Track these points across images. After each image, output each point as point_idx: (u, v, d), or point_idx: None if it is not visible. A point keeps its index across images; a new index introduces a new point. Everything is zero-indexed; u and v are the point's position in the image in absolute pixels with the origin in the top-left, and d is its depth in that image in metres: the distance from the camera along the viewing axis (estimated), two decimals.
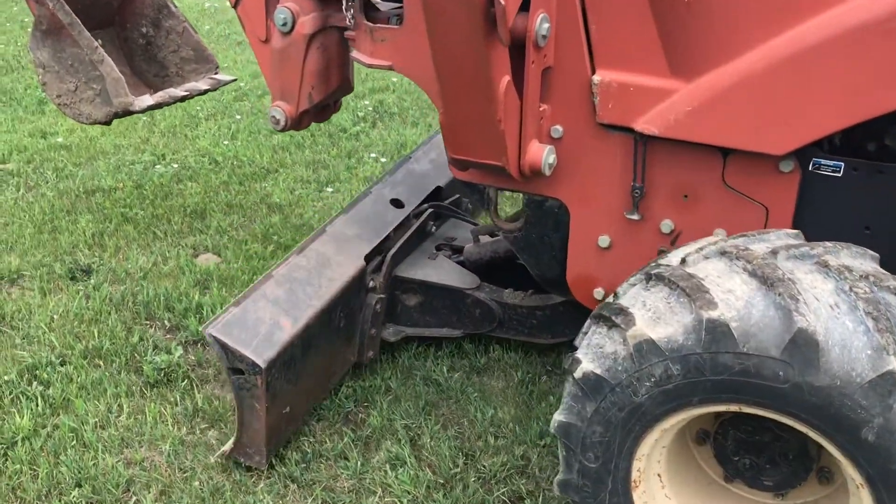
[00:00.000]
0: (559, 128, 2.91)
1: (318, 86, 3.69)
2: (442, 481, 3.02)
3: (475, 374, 3.62)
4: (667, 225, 2.87)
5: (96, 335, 3.81)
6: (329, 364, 3.31)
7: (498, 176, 2.99)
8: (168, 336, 3.90)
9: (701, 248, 2.34)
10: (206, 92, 4.56)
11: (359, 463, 3.08)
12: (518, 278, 3.61)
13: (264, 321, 2.95)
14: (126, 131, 6.54)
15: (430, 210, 3.86)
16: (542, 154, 2.83)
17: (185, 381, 3.55)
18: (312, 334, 3.08)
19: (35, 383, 3.49)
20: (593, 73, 2.80)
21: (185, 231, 4.91)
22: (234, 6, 3.66)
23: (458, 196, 4.14)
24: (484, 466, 3.08)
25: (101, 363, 3.65)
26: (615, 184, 2.91)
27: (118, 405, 3.39)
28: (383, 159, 6.15)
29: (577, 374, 2.31)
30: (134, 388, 3.49)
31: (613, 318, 2.30)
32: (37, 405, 3.36)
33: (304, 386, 3.14)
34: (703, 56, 2.64)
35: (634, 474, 2.36)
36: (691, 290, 2.17)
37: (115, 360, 3.66)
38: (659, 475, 2.40)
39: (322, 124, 6.84)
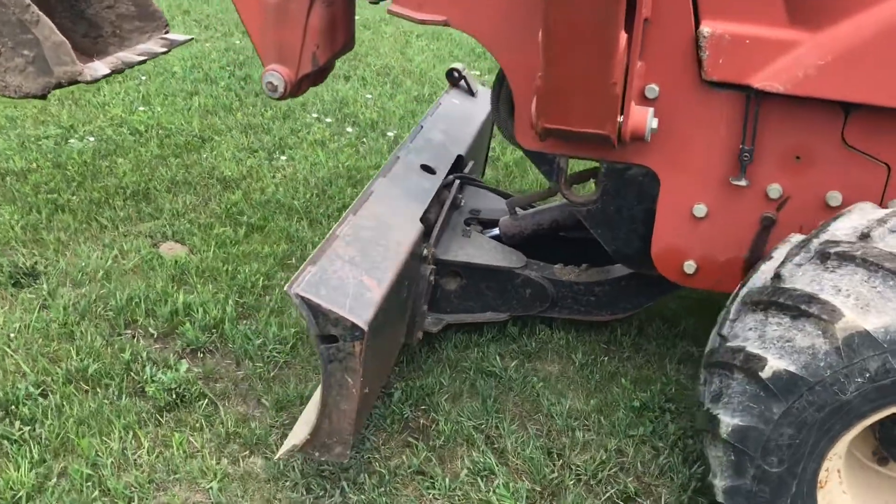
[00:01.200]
0: (655, 87, 2.60)
1: (323, 45, 3.19)
2: (540, 489, 2.71)
3: (527, 360, 3.30)
4: (775, 190, 2.64)
5: (74, 354, 3.20)
6: (392, 342, 2.90)
7: (585, 145, 2.65)
8: (161, 347, 3.33)
9: (883, 221, 2.10)
10: (159, 55, 3.89)
11: (445, 479, 2.71)
12: (563, 252, 3.33)
13: (348, 281, 2.41)
14: (13, 100, 5.62)
15: (457, 181, 3.46)
16: (647, 118, 2.51)
17: (203, 400, 3.03)
18: (390, 300, 2.59)
19: (17, 423, 2.87)
20: (698, 25, 2.49)
21: (134, 217, 4.25)
22: None
23: (472, 163, 3.77)
24: (579, 466, 2.79)
25: (93, 389, 3.06)
26: (717, 147, 2.64)
27: (133, 439, 2.84)
28: (328, 119, 5.61)
29: (765, 373, 2.05)
30: (145, 415, 2.94)
31: (803, 307, 2.03)
32: (29, 450, 2.75)
33: (378, 365, 2.67)
34: (831, 4, 2.38)
35: (822, 475, 2.14)
36: None
37: (109, 383, 3.07)
38: (839, 471, 2.20)
39: (245, 82, 6.21)
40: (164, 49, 3.87)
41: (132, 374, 3.13)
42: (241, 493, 2.67)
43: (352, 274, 2.48)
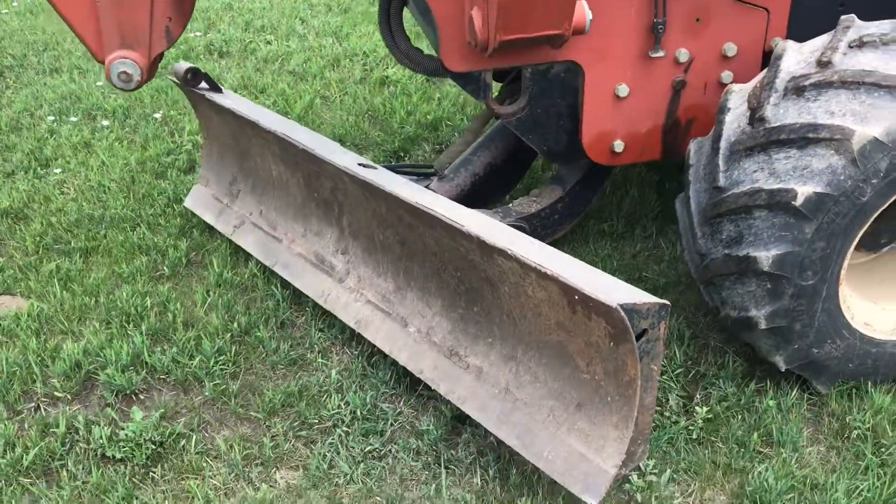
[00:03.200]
0: None
1: (175, 15, 2.84)
2: None
3: None
4: (684, 54, 2.89)
5: None
6: None
7: (525, 52, 2.68)
8: (83, 406, 2.82)
9: (833, 48, 2.43)
10: None
11: None
12: (500, 189, 3.40)
13: (589, 272, 2.18)
14: None
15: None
16: (584, 12, 2.60)
17: (186, 438, 2.65)
18: None
19: None
20: None
21: None
22: None
23: None
24: None
25: (45, 477, 2.53)
26: (633, 27, 2.82)
27: None
28: (72, 118, 4.90)
29: (798, 200, 2.31)
30: (138, 479, 2.51)
31: (810, 135, 2.32)
32: None
33: None
34: None
35: (843, 272, 2.49)
36: (883, 81, 2.28)
37: (61, 464, 2.56)
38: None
39: None
40: None
41: (79, 444, 2.63)
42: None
43: (577, 268, 2.21)
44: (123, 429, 2.64)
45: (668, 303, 2.05)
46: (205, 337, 3.03)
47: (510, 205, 3.31)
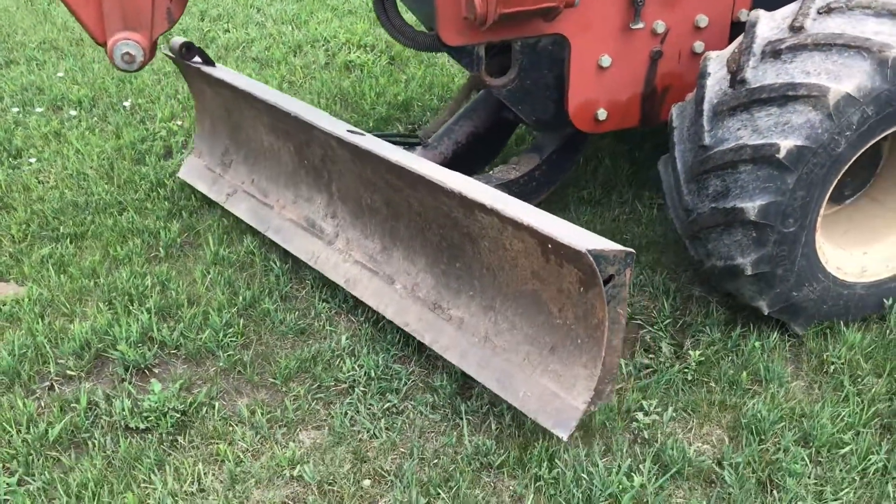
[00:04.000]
0: None
1: None
2: None
3: None
4: (661, 25, 3.09)
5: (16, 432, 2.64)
6: None
7: (518, 25, 2.85)
8: (96, 383, 2.87)
9: (805, 14, 2.65)
10: None
11: None
12: (482, 157, 3.54)
13: (559, 223, 2.35)
14: None
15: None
16: None
17: (208, 407, 2.73)
18: None
19: None
20: None
21: None
22: None
23: None
24: None
25: (75, 449, 2.59)
26: (614, 1, 3.00)
27: (191, 475, 2.51)
28: (38, 108, 4.86)
29: (781, 153, 2.53)
30: (167, 447, 2.59)
31: (790, 93, 2.53)
32: None
33: None
34: None
35: (819, 219, 2.72)
36: (852, 42, 2.51)
37: (86, 436, 2.62)
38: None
39: None
40: None
41: (102, 417, 2.69)
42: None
43: (549, 219, 2.39)
44: (145, 401, 2.71)
45: (632, 251, 2.21)
46: (212, 311, 3.10)
47: (490, 172, 3.47)
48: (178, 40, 3.54)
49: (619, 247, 2.21)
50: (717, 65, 2.81)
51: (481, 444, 2.55)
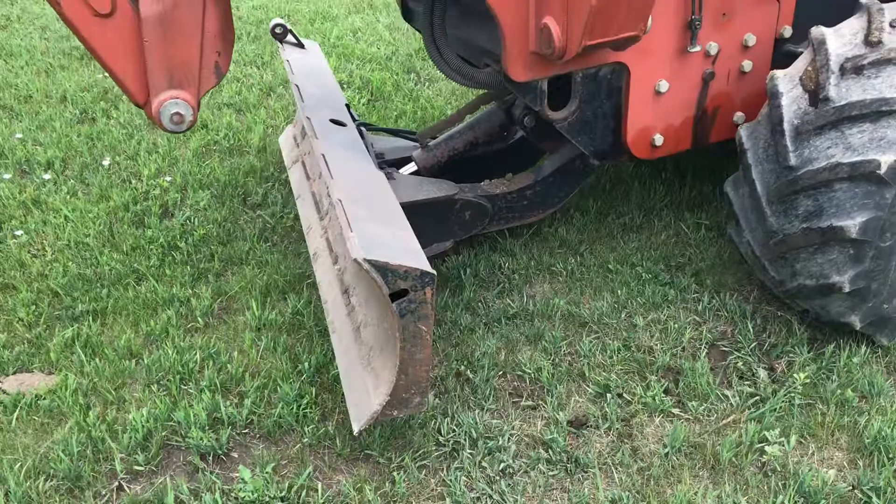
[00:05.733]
0: None
1: (223, 49, 2.73)
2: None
3: (508, 284, 3.36)
4: (714, 47, 3.07)
5: None
6: None
7: (586, 57, 2.77)
8: (168, 476, 2.61)
9: (880, 28, 2.66)
10: None
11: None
12: (478, 168, 3.51)
13: (387, 236, 2.42)
14: None
15: (363, 128, 3.43)
16: None
17: (327, 493, 2.52)
18: None
19: None
20: None
21: None
22: None
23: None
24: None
25: None
26: (671, 25, 2.96)
27: None
28: (6, 175, 4.48)
29: (882, 169, 2.52)
30: None
31: (884, 108, 2.53)
32: None
33: None
34: None
35: None
36: None
37: None
38: None
39: None
40: None
41: None
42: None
43: (384, 230, 2.46)
44: (238, 491, 2.47)
45: (432, 272, 2.23)
46: (280, 382, 2.88)
47: (482, 183, 3.41)
48: (273, 21, 4.00)
49: (412, 264, 2.23)
50: (788, 84, 2.80)
51: (618, 497, 2.43)
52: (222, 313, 3.33)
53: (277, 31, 3.97)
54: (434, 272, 2.26)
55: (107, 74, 2.58)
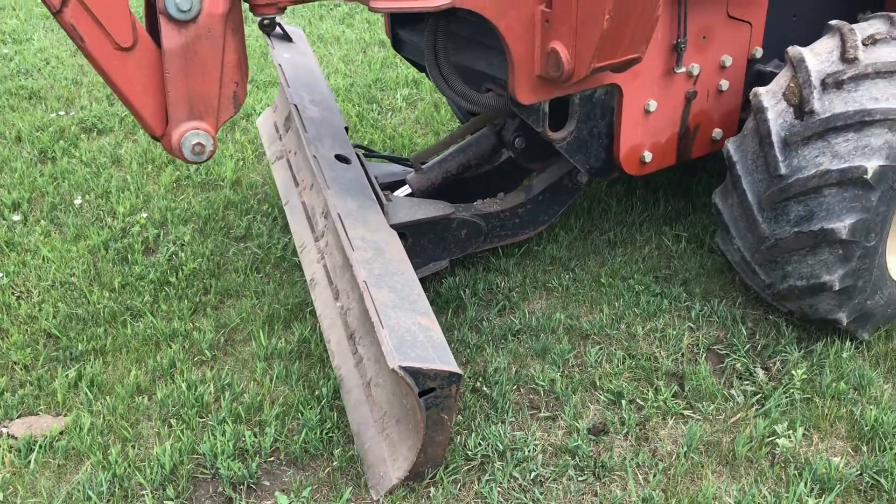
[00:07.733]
0: None
1: (241, 81, 2.80)
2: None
3: (508, 302, 3.46)
4: (696, 67, 3.26)
5: None
6: None
7: (588, 80, 2.91)
8: None
9: (854, 46, 2.88)
10: None
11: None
12: (470, 189, 3.62)
13: (414, 330, 2.50)
14: None
15: (363, 158, 3.49)
16: None
17: None
18: None
19: None
20: None
21: None
22: (59, 12, 2.43)
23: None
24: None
25: None
26: (659, 47, 3.14)
27: None
28: None
29: (869, 174, 2.72)
30: None
31: (866, 118, 2.74)
32: None
33: None
34: None
35: (890, 230, 2.94)
36: None
37: None
38: None
39: None
40: None
41: None
42: None
43: (410, 321, 2.52)
44: None
45: (460, 372, 2.38)
46: (302, 408, 2.90)
47: (475, 203, 3.51)
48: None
49: (442, 367, 2.35)
50: (772, 99, 2.99)
51: (648, 496, 2.54)
52: (227, 345, 3.33)
53: (265, 23, 3.85)
54: (461, 372, 2.39)
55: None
